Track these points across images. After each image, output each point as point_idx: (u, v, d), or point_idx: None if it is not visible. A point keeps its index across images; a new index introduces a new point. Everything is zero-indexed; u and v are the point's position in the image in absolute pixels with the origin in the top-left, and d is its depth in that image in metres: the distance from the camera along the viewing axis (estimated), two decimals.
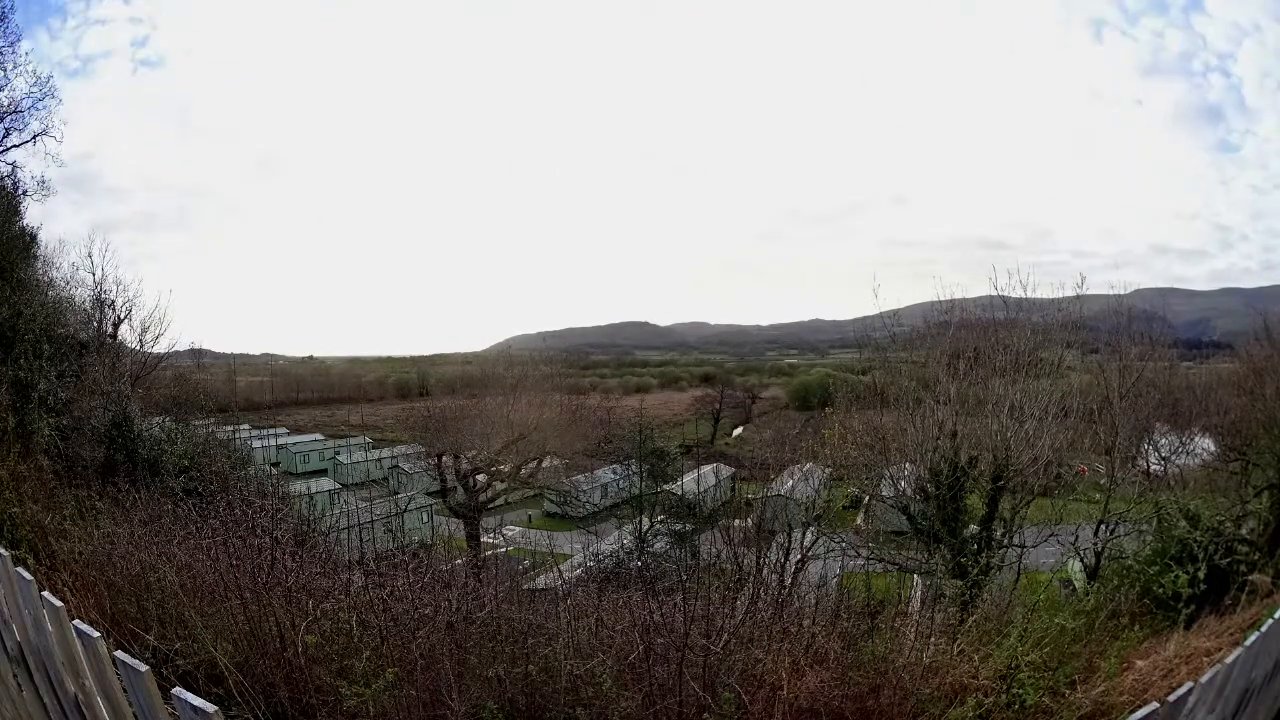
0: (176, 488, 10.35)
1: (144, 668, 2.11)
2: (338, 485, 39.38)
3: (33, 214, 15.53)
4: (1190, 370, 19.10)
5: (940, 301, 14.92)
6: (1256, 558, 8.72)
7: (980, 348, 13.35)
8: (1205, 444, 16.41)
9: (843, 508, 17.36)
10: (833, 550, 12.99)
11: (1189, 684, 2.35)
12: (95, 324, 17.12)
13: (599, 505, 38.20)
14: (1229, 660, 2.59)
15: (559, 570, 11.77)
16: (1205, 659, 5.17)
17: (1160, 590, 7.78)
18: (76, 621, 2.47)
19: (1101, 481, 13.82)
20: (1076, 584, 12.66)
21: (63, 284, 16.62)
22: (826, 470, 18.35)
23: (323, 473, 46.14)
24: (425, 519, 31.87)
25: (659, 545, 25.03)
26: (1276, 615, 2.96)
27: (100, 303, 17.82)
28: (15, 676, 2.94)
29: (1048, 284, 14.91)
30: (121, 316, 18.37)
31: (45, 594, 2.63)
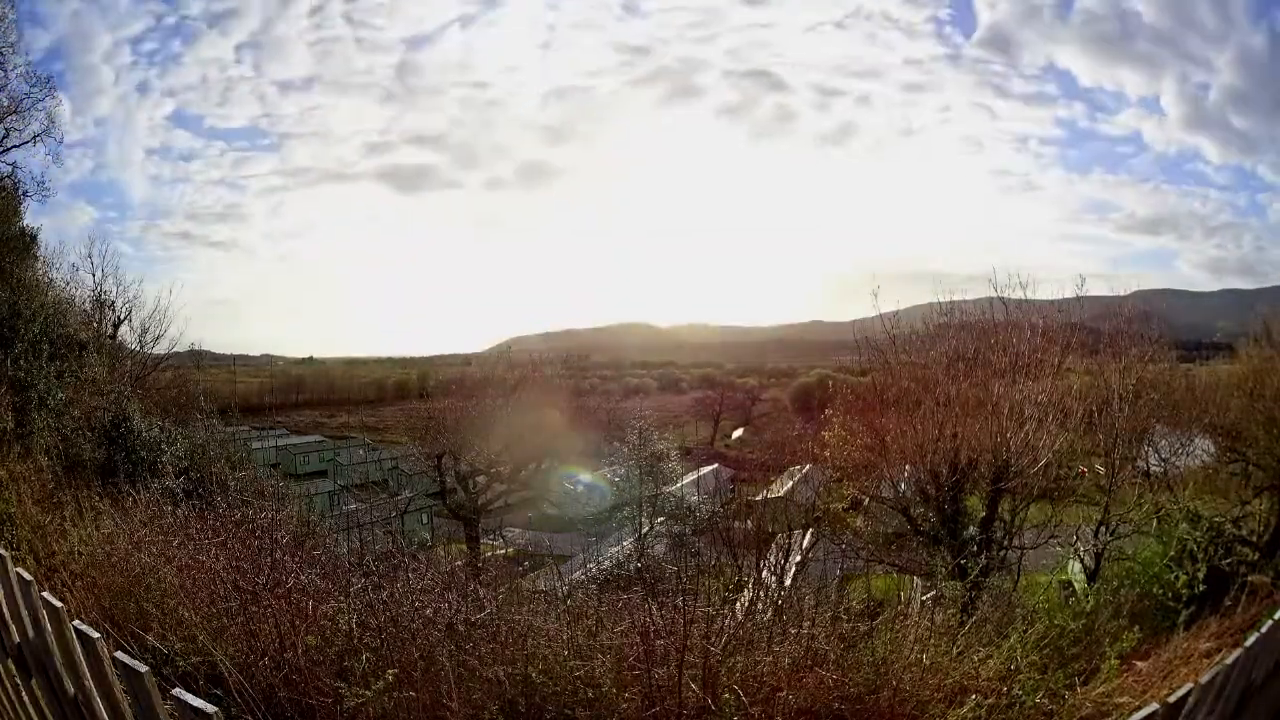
0: (176, 488, 10.34)
1: (144, 668, 2.10)
2: (338, 486, 39.35)
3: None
4: (1190, 371, 19.09)
5: (940, 303, 14.92)
6: (1256, 558, 8.73)
7: (980, 349, 13.36)
8: (1205, 445, 16.40)
9: (843, 509, 17.35)
10: (832, 552, 12.99)
11: (1189, 685, 2.35)
12: (95, 324, 17.13)
13: (599, 507, 38.16)
14: (1229, 661, 2.58)
15: (559, 572, 11.77)
16: (1205, 660, 5.17)
17: (1160, 591, 7.78)
18: (76, 622, 2.46)
19: (1101, 483, 13.81)
20: (1076, 585, 12.65)
21: (63, 284, 16.63)
22: (826, 472, 18.35)
23: (322, 474, 46.10)
24: (425, 520, 31.83)
25: (658, 547, 25.03)
26: (1276, 616, 2.95)
27: (100, 303, 17.85)
28: (14, 677, 2.94)
29: (1047, 285, 14.95)
30: (121, 317, 18.41)
31: (45, 594, 2.63)
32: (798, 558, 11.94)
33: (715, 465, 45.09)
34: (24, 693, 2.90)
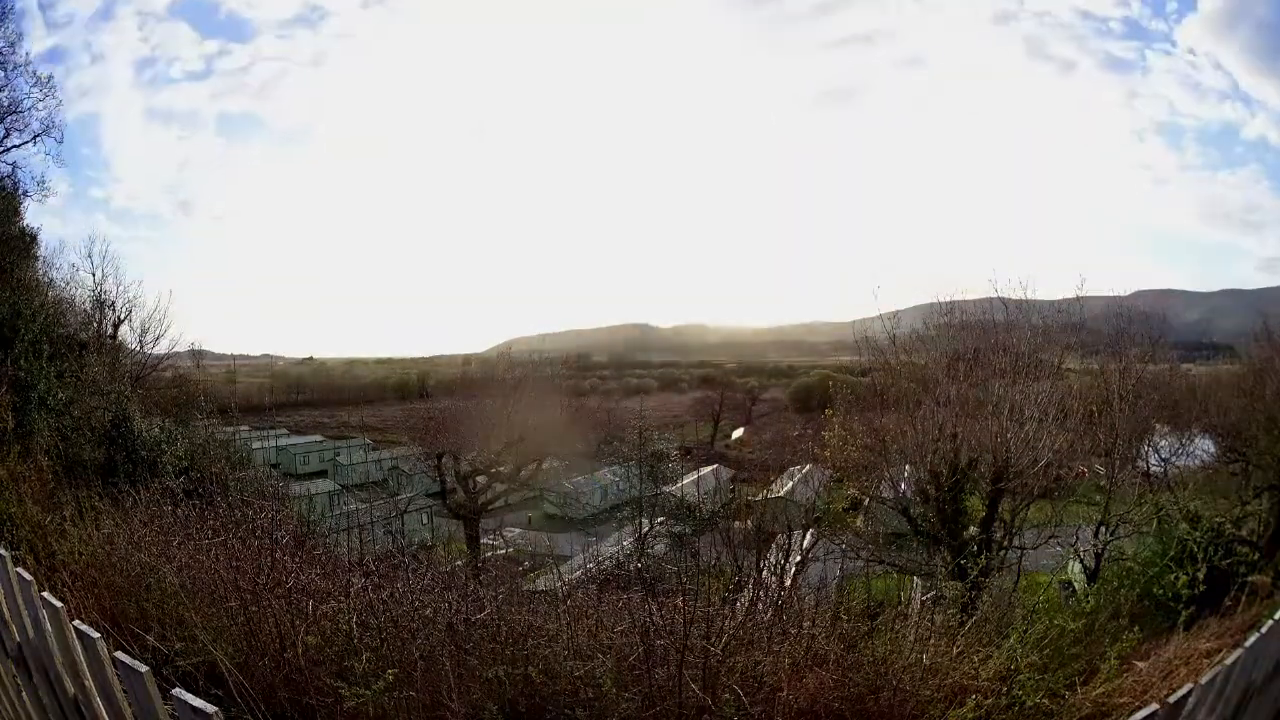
0: (176, 488, 10.33)
1: (144, 668, 2.11)
2: (338, 486, 39.32)
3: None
4: (1191, 372, 19.10)
5: (940, 303, 14.94)
6: (1256, 558, 8.73)
7: (980, 349, 13.36)
8: (1205, 445, 16.40)
9: (843, 510, 17.35)
10: (832, 552, 12.99)
11: (1189, 685, 2.35)
12: (95, 324, 17.14)
13: (599, 507, 38.16)
14: (1229, 661, 2.58)
15: (559, 572, 11.75)
16: (1205, 660, 5.17)
17: (1160, 591, 7.79)
18: (76, 622, 2.46)
19: (1101, 483, 13.82)
20: (1076, 586, 12.66)
21: (62, 284, 16.65)
22: (826, 472, 18.34)
23: (323, 474, 46.08)
24: (425, 520, 31.82)
25: (659, 547, 25.00)
26: (1276, 616, 2.95)
27: (100, 303, 17.86)
28: (15, 677, 2.94)
29: (1047, 286, 14.98)
30: (121, 317, 18.42)
31: (45, 594, 2.63)
32: (798, 558, 11.95)
33: (715, 465, 45.06)
34: (24, 693, 2.91)
